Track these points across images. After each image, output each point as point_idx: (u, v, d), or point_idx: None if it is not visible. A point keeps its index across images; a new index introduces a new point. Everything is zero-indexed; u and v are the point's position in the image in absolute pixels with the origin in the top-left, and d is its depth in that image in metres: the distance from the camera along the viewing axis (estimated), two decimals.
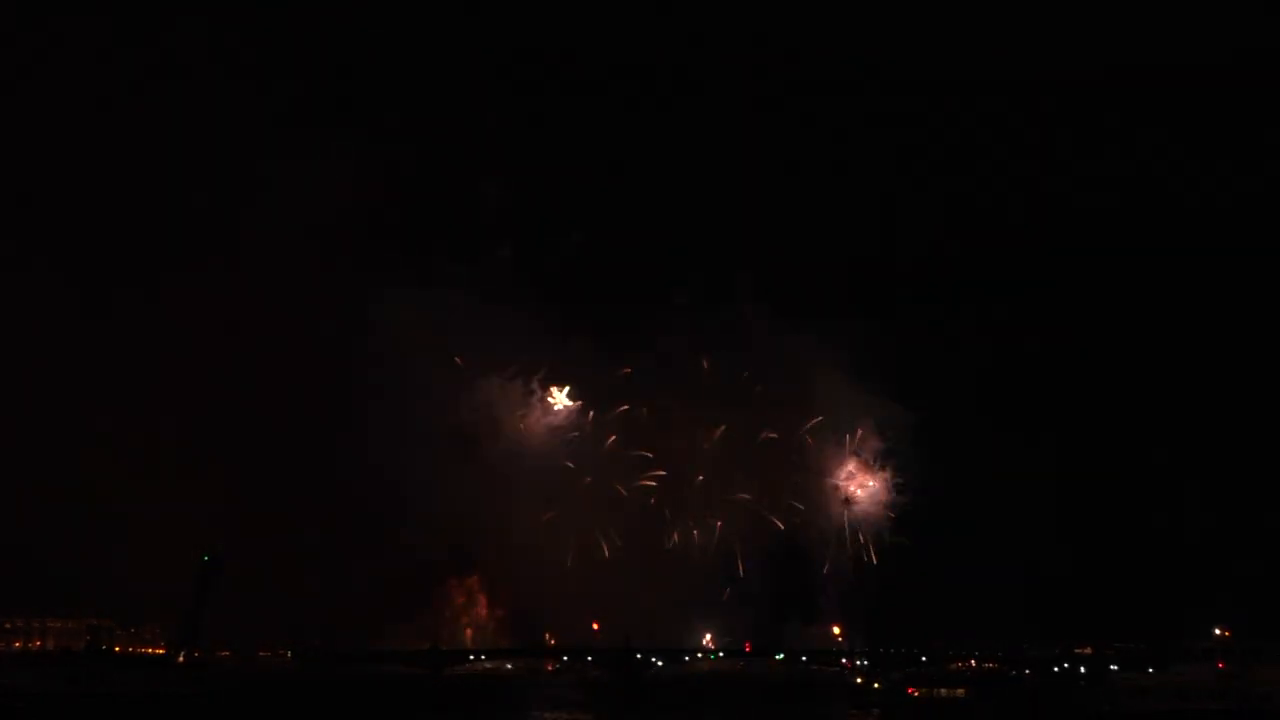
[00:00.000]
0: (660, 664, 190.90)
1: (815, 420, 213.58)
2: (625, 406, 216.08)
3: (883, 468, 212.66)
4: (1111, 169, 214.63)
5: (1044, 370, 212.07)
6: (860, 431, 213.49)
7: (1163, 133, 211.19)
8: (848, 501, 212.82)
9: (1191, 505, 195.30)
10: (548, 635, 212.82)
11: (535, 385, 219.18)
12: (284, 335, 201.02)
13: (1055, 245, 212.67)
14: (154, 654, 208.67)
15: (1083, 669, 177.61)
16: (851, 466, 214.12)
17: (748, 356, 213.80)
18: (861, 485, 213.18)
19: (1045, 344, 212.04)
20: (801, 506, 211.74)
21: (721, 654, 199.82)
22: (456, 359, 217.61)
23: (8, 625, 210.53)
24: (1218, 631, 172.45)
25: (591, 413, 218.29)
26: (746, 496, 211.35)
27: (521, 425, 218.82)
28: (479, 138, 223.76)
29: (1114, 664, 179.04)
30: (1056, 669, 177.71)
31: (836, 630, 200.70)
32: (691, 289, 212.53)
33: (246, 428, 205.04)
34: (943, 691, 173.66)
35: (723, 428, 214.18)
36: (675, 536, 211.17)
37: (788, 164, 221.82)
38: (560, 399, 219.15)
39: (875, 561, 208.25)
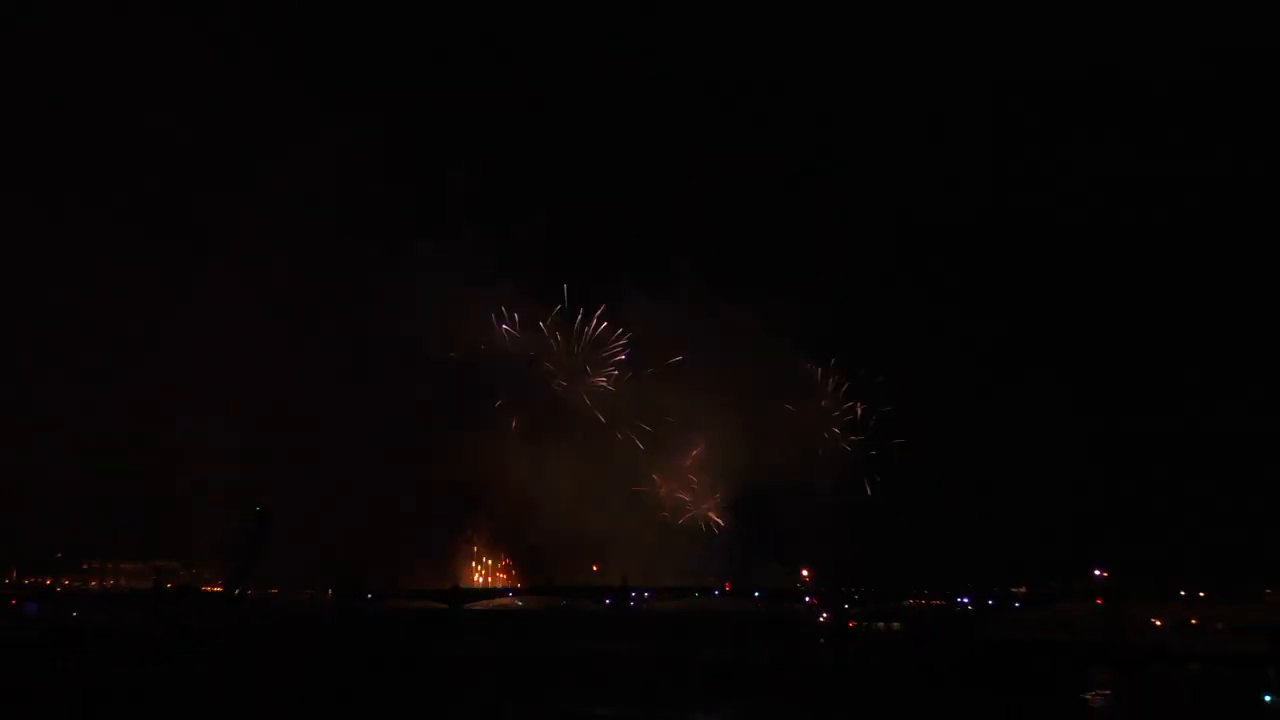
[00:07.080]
0: (647, 597, 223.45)
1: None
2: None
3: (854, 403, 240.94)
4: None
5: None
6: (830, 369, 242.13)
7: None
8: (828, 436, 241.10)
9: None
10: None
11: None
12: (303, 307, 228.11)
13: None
14: (214, 591, 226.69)
15: (990, 604, 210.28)
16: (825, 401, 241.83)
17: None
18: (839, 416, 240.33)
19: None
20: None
21: (698, 593, 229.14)
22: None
23: (85, 566, 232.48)
24: (1097, 573, 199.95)
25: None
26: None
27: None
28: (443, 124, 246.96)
29: (1017, 601, 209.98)
30: (991, 602, 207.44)
31: (805, 573, 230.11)
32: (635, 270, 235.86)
33: (287, 398, 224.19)
34: (880, 624, 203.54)
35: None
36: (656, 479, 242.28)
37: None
38: None
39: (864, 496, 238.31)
